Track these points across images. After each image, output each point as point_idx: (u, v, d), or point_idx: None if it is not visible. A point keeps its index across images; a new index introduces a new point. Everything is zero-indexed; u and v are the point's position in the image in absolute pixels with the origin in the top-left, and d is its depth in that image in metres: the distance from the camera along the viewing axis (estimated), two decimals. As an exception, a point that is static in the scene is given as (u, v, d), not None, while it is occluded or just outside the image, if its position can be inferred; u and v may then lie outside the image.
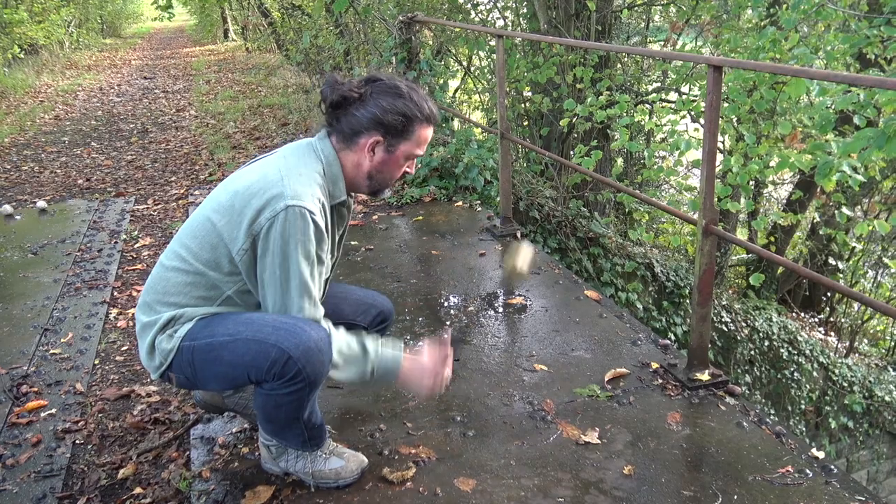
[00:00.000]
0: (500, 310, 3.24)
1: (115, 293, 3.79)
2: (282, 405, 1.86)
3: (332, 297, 2.20)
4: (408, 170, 2.02)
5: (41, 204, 5.32)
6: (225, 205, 1.85)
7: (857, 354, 9.96)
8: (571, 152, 7.59)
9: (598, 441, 2.24)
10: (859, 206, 9.17)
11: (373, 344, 1.92)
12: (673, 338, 6.60)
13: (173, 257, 1.91)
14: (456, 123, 6.11)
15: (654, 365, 2.69)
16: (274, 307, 1.83)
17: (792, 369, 7.53)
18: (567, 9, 7.56)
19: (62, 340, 3.24)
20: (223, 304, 1.89)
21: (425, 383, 1.98)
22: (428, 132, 1.97)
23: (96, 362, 3.06)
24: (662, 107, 7.31)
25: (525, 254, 2.81)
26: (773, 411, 7.43)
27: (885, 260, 9.82)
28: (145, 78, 13.37)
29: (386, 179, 2.00)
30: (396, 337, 2.96)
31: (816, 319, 10.25)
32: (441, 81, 5.94)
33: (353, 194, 2.06)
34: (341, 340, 1.88)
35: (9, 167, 6.72)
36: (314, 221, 1.79)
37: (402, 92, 1.90)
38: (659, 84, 9.21)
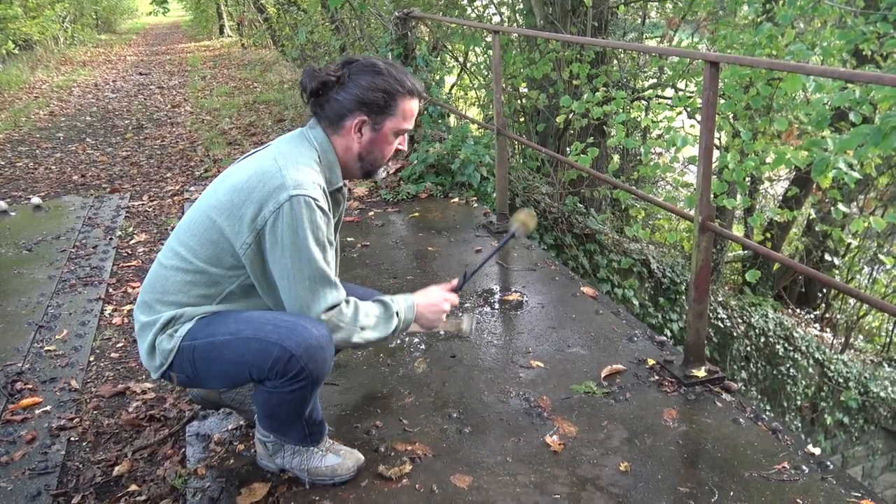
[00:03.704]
0: (497, 306, 3.24)
1: (111, 290, 3.78)
2: (284, 403, 1.86)
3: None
4: (400, 147, 2.01)
5: (36, 200, 5.30)
6: (224, 201, 1.83)
7: (852, 350, 9.99)
8: (568, 148, 7.59)
9: (595, 438, 2.24)
10: (855, 203, 9.20)
11: (386, 297, 2.00)
12: (669, 334, 6.61)
13: (172, 256, 1.89)
14: (452, 120, 6.11)
15: (651, 361, 2.69)
16: (291, 299, 1.82)
17: (788, 365, 7.55)
18: (563, 5, 7.54)
19: (57, 337, 3.23)
20: (224, 300, 1.88)
21: (442, 310, 2.07)
22: (412, 105, 1.96)
23: (91, 359, 3.05)
24: (659, 103, 7.31)
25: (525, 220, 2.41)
26: (769, 407, 7.45)
27: (881, 256, 9.84)
28: (140, 74, 13.32)
29: (377, 159, 1.99)
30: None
31: (812, 316, 10.28)
32: (437, 77, 5.93)
33: (346, 181, 2.06)
34: (365, 306, 1.94)
35: (3, 163, 6.69)
36: (319, 207, 1.79)
37: (381, 69, 1.89)
38: (655, 80, 9.21)
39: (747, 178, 5.90)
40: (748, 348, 7.35)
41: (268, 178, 1.79)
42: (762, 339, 7.44)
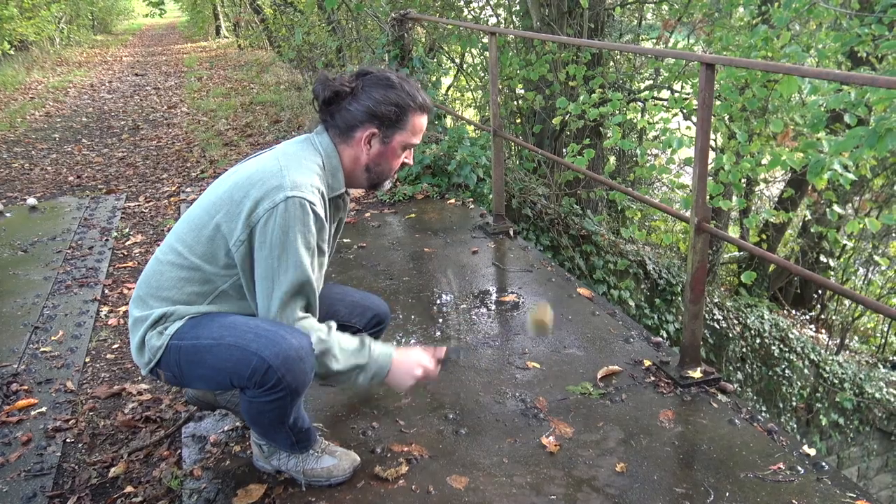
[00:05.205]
0: (493, 307, 3.24)
1: (106, 291, 3.77)
2: (264, 412, 1.86)
3: (328, 298, 2.19)
4: (406, 160, 2.03)
5: (31, 201, 5.29)
6: (224, 197, 1.84)
7: (847, 351, 10.01)
8: (564, 150, 7.61)
9: (591, 438, 2.25)
10: (850, 204, 9.22)
11: (367, 338, 1.95)
12: (665, 335, 6.62)
13: (169, 251, 1.90)
14: (449, 121, 6.10)
15: (647, 362, 2.69)
16: (265, 300, 1.80)
17: (783, 366, 7.56)
18: (560, 6, 7.56)
19: (53, 338, 3.22)
20: (217, 299, 1.88)
21: (413, 374, 1.98)
22: (422, 120, 1.97)
23: (87, 360, 3.04)
24: (655, 105, 7.32)
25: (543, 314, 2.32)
26: (764, 408, 7.46)
27: (876, 257, 9.89)
28: (136, 75, 13.30)
29: (384, 171, 2.01)
30: (388, 334, 2.96)
31: (807, 317, 10.30)
32: (434, 79, 5.94)
33: (348, 190, 2.06)
34: (340, 335, 1.89)
35: (-2, 164, 6.68)
36: (314, 212, 1.79)
37: (394, 83, 1.90)
38: (651, 82, 9.23)
39: (743, 180, 5.92)
40: (744, 349, 7.36)
41: (268, 176, 1.80)
42: (758, 341, 7.45)
